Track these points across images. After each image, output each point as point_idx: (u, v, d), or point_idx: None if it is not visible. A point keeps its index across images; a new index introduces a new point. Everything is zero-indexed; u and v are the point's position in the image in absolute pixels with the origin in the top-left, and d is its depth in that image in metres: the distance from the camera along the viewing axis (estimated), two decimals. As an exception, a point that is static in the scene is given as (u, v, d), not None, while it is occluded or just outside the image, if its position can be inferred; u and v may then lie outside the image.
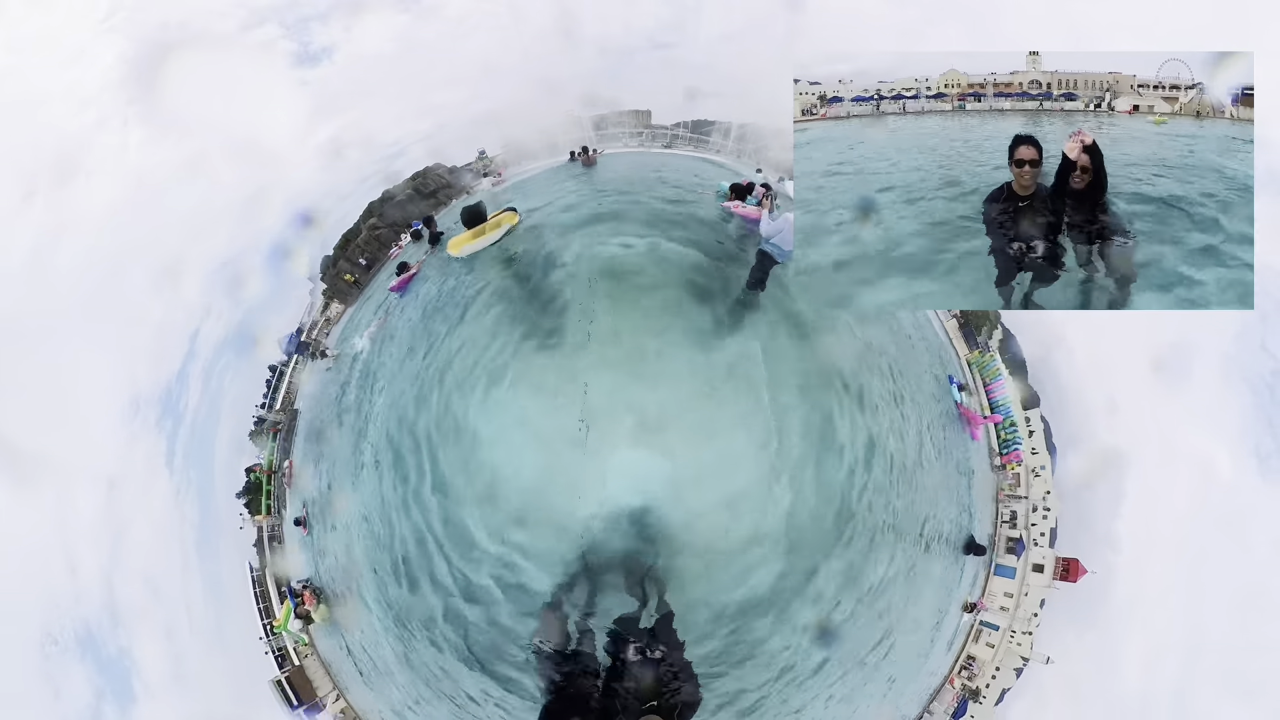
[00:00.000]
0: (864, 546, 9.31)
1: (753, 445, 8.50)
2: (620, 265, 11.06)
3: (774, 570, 8.41)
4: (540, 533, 8.19)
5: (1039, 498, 14.08)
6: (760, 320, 9.79)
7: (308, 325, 15.28)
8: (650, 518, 8.16)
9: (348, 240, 16.12)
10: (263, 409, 14.44)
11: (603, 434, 8.11)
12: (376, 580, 9.54)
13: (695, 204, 12.75)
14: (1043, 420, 14.09)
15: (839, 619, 9.10)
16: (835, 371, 9.63)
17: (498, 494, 8.48)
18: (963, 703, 13.08)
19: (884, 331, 12.10)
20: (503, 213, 11.96)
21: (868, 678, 10.50)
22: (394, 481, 9.59)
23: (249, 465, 13.68)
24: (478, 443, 8.92)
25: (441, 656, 9.14)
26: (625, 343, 9.24)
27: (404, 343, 11.55)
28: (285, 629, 12.80)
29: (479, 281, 11.40)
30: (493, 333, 10.31)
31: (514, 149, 16.90)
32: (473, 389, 9.45)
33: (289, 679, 12.34)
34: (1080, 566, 12.92)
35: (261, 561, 13.20)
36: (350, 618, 10.77)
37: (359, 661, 11.16)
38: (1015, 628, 13.20)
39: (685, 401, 8.50)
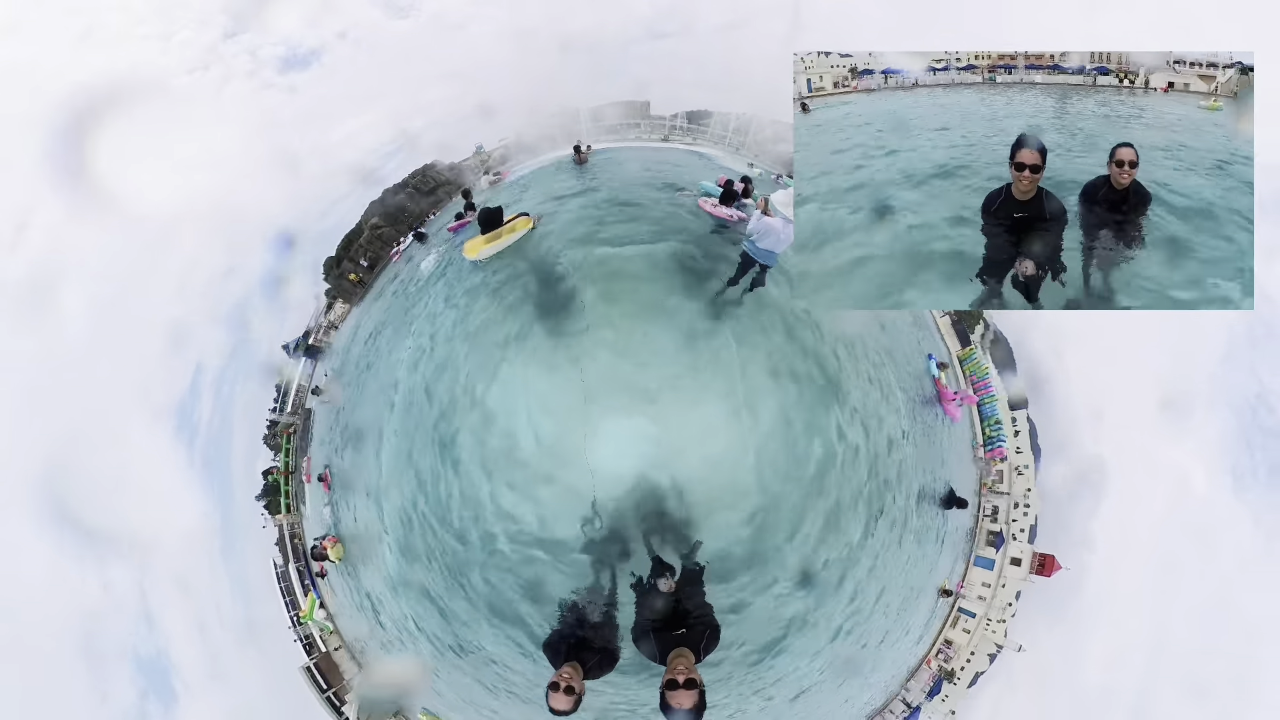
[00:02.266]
0: (837, 512, 10.01)
1: (728, 415, 9.34)
2: (612, 259, 11.60)
3: (748, 527, 9.27)
4: (547, 491, 9.00)
5: (1020, 494, 14.72)
6: (740, 311, 10.28)
7: (314, 329, 15.67)
8: (645, 477, 8.88)
9: (350, 240, 16.31)
10: (274, 413, 14.99)
11: (601, 406, 8.95)
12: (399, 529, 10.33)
13: (686, 201, 13.16)
14: (1029, 421, 14.54)
15: (818, 569, 9.91)
16: (811, 352, 10.24)
17: (510, 457, 9.30)
18: (938, 682, 14.08)
19: (869, 316, 12.48)
20: (517, 218, 12.08)
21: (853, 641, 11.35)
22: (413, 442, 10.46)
23: (265, 468, 14.34)
24: (490, 413, 9.75)
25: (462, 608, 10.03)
26: (619, 328, 9.93)
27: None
28: (310, 619, 13.80)
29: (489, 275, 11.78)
30: (501, 319, 10.89)
31: (511, 144, 16.81)
32: (484, 365, 10.23)
33: (317, 664, 13.37)
34: (1055, 562, 13.64)
35: (283, 533, 14.03)
36: (365, 555, 11.70)
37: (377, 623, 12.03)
38: (991, 616, 14.06)
39: (671, 379, 9.32)
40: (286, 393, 15.21)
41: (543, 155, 17.35)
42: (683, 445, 9.14)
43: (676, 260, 11.62)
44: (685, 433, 9.25)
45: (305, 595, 13.98)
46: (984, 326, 15.70)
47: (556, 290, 11.17)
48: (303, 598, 13.98)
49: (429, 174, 16.83)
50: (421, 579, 10.64)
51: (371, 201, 16.22)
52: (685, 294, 10.80)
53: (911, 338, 14.26)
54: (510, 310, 11.40)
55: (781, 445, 9.62)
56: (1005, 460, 15.28)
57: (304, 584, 14.01)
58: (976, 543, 15.02)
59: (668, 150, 17.85)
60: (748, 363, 9.91)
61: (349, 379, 14.26)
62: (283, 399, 15.17)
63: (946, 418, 14.08)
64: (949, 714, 13.60)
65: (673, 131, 17.44)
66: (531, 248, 11.89)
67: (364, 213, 16.28)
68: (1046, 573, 13.67)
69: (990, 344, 15.59)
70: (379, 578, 11.68)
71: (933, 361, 14.40)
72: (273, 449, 14.72)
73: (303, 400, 15.95)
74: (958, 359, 16.22)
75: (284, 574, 13.94)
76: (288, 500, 14.47)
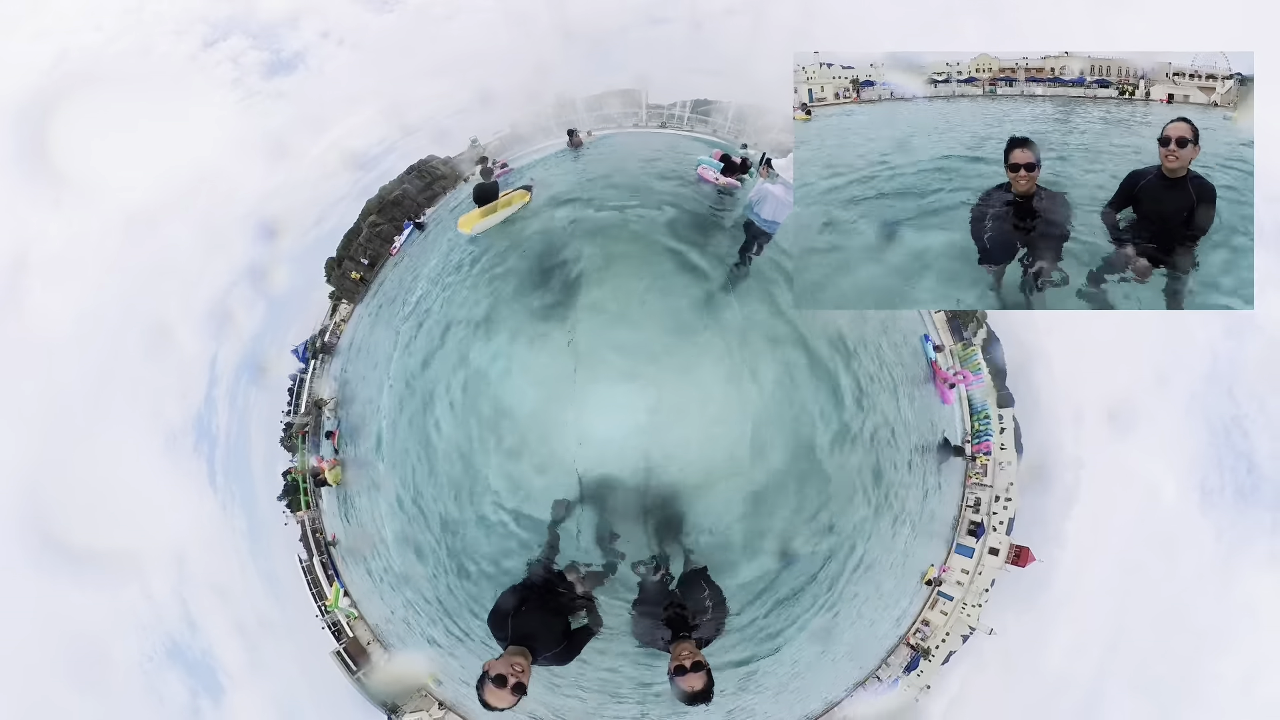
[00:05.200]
0: (831, 483, 10.27)
1: (724, 381, 9.51)
2: (609, 226, 11.70)
3: (744, 498, 9.46)
4: (539, 458, 9.25)
5: (1003, 488, 15.45)
6: (743, 283, 10.49)
7: (320, 333, 16.04)
8: (638, 443, 9.17)
9: (350, 239, 16.38)
10: (289, 415, 15.61)
11: (593, 371, 9.15)
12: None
13: (683, 174, 13.34)
14: (1014, 421, 15.06)
15: (802, 548, 10.27)
16: (811, 327, 10.42)
17: (501, 423, 9.59)
18: (915, 658, 15.33)
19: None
20: (514, 191, 12.06)
21: (840, 615, 12.22)
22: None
23: (284, 469, 15.11)
24: (484, 378, 10.00)
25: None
26: (615, 294, 10.16)
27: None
28: (336, 606, 14.95)
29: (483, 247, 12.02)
30: (493, 289, 11.16)
31: (506, 136, 16.55)
32: (475, 333, 10.55)
33: (346, 649, 14.62)
34: (1030, 555, 14.51)
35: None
36: (359, 482, 12.37)
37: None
38: (967, 600, 15.11)
39: (667, 345, 9.55)
40: (299, 394, 15.78)
41: (538, 145, 17.14)
42: (678, 417, 9.31)
43: (672, 229, 11.77)
44: (681, 404, 9.42)
45: (330, 585, 15.08)
46: (978, 325, 15.95)
47: (548, 260, 11.37)
48: (328, 587, 15.08)
49: (424, 169, 16.67)
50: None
51: (369, 200, 16.19)
52: (681, 267, 11.04)
53: (910, 314, 14.50)
54: (499, 280, 11.65)
55: (779, 416, 9.79)
56: (990, 455, 15.96)
57: (328, 575, 15.09)
58: (958, 532, 15.94)
59: (666, 135, 17.59)
60: (747, 331, 10.03)
61: (353, 373, 14.78)
62: (296, 401, 15.76)
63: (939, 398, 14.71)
64: (924, 687, 14.86)
65: (671, 119, 17.08)
66: (524, 220, 12.00)
67: (361, 211, 16.28)
68: (1021, 563, 14.55)
69: (983, 342, 15.89)
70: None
71: (929, 344, 14.86)
72: (289, 449, 15.43)
73: (314, 399, 16.59)
74: (951, 353, 16.61)
75: (309, 567, 14.96)
76: (306, 497, 15.32)
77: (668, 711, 10.46)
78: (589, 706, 11.01)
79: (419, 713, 14.31)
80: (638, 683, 10.47)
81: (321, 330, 16.20)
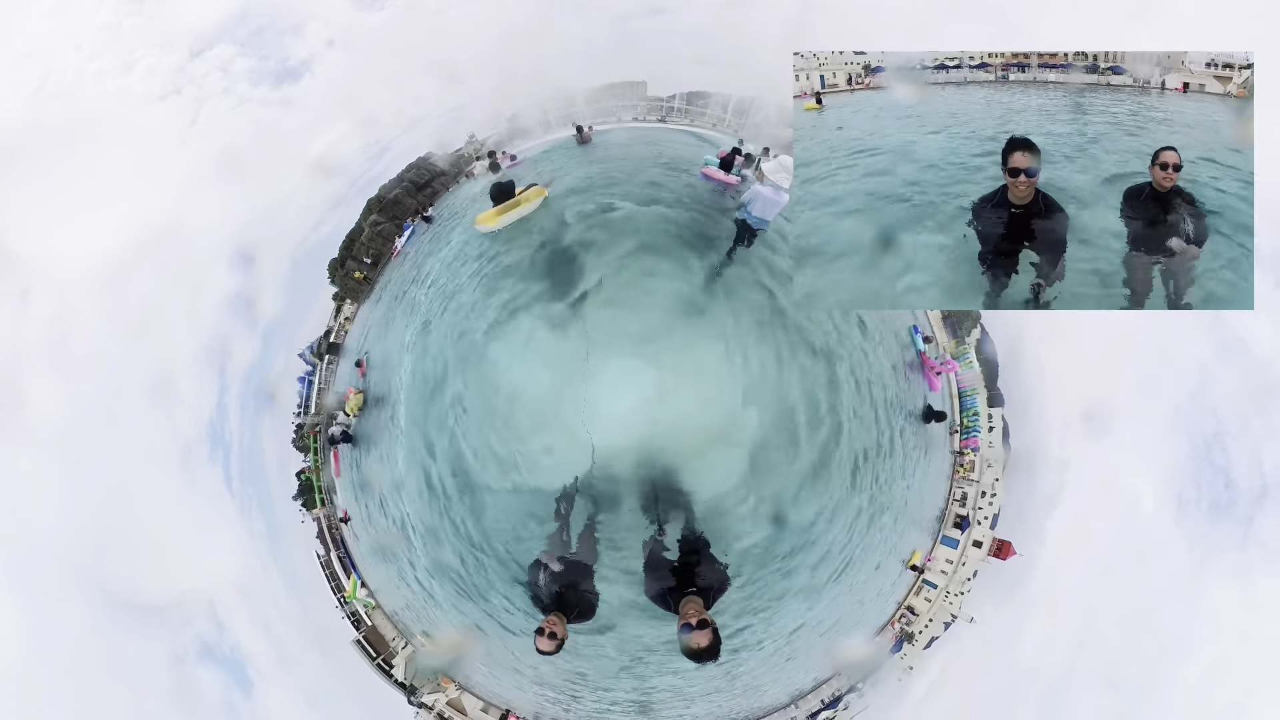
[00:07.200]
0: (822, 458, 11.25)
1: (720, 359, 10.48)
2: (616, 220, 12.31)
3: (738, 469, 10.42)
4: (551, 436, 10.11)
5: (989, 484, 16.05)
6: (735, 273, 11.36)
7: (328, 330, 16.30)
8: (643, 431, 9.99)
9: (351, 240, 16.40)
10: (299, 416, 16.06)
11: (603, 352, 10.11)
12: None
13: (686, 171, 13.87)
14: (1004, 420, 15.51)
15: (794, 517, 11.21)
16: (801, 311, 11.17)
17: (515, 405, 10.55)
18: (899, 641, 16.30)
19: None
20: (530, 188, 12.19)
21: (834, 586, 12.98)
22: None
23: (298, 470, 15.68)
24: (496, 365, 10.90)
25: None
26: (621, 283, 11.02)
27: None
28: (354, 598, 15.82)
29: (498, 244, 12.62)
30: (504, 283, 11.86)
31: (505, 130, 16.32)
32: (488, 321, 11.41)
33: (365, 637, 15.56)
34: (1011, 549, 15.23)
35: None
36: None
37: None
38: (950, 589, 15.95)
39: (669, 326, 10.44)
40: (308, 396, 16.18)
41: (539, 139, 16.98)
42: (677, 398, 10.09)
43: (675, 222, 12.31)
44: (680, 384, 10.22)
45: (348, 577, 15.91)
46: (972, 323, 16.17)
47: (559, 253, 11.83)
48: (345, 580, 15.92)
49: (424, 166, 16.50)
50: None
51: (369, 200, 16.10)
52: (685, 255, 11.53)
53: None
54: (510, 271, 12.14)
55: (772, 394, 10.64)
56: (978, 451, 16.49)
57: (345, 568, 15.90)
58: (945, 524, 16.66)
59: (668, 129, 17.40)
60: (739, 315, 10.86)
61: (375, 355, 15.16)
62: (306, 402, 16.17)
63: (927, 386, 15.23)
64: (907, 669, 15.88)
65: (670, 113, 16.77)
66: (537, 215, 12.31)
67: (362, 211, 16.22)
68: (1003, 556, 15.30)
69: (977, 341, 16.14)
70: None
71: (918, 335, 15.31)
72: (301, 450, 15.96)
73: (324, 398, 17.01)
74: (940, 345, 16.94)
75: (326, 562, 15.75)
76: (320, 495, 15.97)
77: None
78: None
79: (437, 694, 15.42)
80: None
81: (327, 331, 16.44)
